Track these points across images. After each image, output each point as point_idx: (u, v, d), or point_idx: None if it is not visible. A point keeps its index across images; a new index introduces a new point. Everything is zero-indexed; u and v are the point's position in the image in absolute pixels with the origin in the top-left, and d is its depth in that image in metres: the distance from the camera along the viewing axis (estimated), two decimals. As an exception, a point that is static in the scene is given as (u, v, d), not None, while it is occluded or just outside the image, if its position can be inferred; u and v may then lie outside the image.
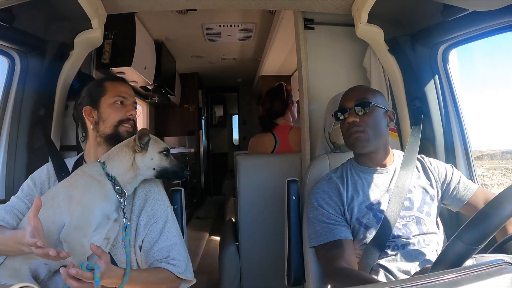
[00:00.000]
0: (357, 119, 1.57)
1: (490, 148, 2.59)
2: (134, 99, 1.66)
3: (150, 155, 1.46)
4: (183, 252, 1.53)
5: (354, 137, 1.58)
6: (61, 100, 2.04)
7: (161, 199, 1.57)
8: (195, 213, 6.71)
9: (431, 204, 1.60)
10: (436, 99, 2.00)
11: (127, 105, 1.62)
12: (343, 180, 1.65)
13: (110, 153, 1.48)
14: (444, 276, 0.76)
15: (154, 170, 1.48)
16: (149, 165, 1.46)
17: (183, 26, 4.60)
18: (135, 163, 1.45)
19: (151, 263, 1.47)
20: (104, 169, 1.44)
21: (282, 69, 6.00)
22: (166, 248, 1.48)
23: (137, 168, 1.46)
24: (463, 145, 1.97)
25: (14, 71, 1.91)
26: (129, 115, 1.60)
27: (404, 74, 2.09)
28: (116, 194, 1.42)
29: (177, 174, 1.50)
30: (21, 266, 1.34)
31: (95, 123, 1.59)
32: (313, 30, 2.43)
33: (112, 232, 1.43)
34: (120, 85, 1.65)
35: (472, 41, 1.83)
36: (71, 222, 1.31)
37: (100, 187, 1.40)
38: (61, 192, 1.37)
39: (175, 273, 1.45)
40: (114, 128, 1.57)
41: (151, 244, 1.48)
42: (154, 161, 1.47)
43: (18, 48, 1.85)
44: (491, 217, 0.88)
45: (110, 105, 1.59)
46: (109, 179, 1.42)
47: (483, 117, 2.31)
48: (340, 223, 1.56)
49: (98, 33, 1.99)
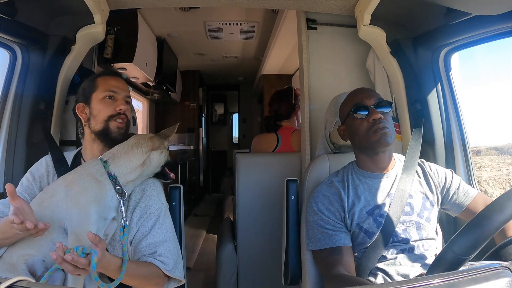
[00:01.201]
0: (382, 116, 1.55)
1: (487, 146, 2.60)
2: (126, 93, 1.63)
3: (165, 152, 1.54)
4: (172, 249, 1.51)
5: (381, 133, 1.53)
6: (62, 94, 2.04)
7: (157, 195, 1.55)
8: (193, 211, 6.71)
9: (431, 210, 1.59)
10: (437, 103, 2.00)
11: (117, 100, 1.59)
12: (344, 185, 1.63)
13: (116, 152, 1.47)
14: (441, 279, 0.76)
15: (161, 166, 1.54)
16: (161, 161, 1.53)
17: (186, 24, 4.60)
18: (149, 160, 1.48)
19: (138, 258, 1.46)
20: (106, 168, 1.42)
21: (284, 68, 6.00)
22: (154, 244, 1.47)
23: (148, 165, 1.50)
24: (463, 149, 1.97)
25: (15, 64, 1.90)
26: (119, 110, 1.57)
27: (406, 76, 2.09)
28: (115, 194, 1.42)
29: (173, 165, 1.60)
30: (18, 261, 1.33)
31: (87, 119, 1.58)
32: (316, 30, 2.43)
33: (110, 229, 1.43)
34: (111, 80, 1.62)
35: (474, 45, 1.83)
36: (71, 227, 1.32)
37: (99, 188, 1.39)
38: (60, 191, 1.36)
39: (162, 269, 1.44)
40: (104, 123, 1.55)
41: (140, 238, 1.47)
42: (166, 156, 1.55)
43: (19, 42, 1.84)
44: (480, 227, 0.89)
45: (100, 101, 1.57)
46: (110, 178, 1.41)
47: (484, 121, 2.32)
48: (340, 229, 1.56)
49: (101, 28, 1.99)
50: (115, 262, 1.29)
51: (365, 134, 1.58)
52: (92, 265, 1.13)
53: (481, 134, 2.33)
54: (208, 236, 5.22)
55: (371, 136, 1.56)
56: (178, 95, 6.96)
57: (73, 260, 1.11)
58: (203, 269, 3.92)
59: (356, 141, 1.65)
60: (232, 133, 9.89)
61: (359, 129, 1.59)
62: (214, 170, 9.13)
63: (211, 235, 5.23)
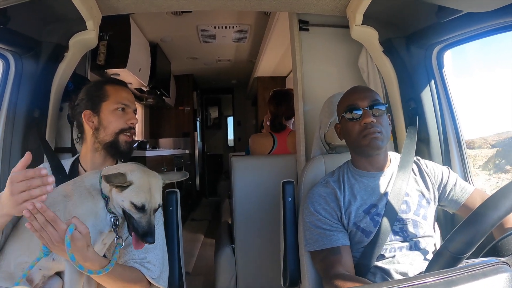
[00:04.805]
0: (374, 119, 1.54)
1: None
2: (135, 106, 1.63)
3: (122, 197, 1.30)
4: (160, 258, 1.51)
5: (371, 138, 1.53)
6: (56, 102, 2.03)
7: None
8: (190, 215, 6.70)
9: (428, 207, 1.60)
10: (431, 100, 2.00)
11: (128, 113, 1.59)
12: (340, 185, 1.63)
13: (110, 169, 1.36)
14: (439, 276, 0.76)
15: (122, 210, 1.32)
16: (119, 203, 1.30)
17: (178, 28, 4.61)
18: (112, 194, 1.32)
19: (125, 261, 1.45)
20: (100, 183, 1.36)
21: (277, 70, 6.03)
22: (144, 249, 1.45)
23: (112, 197, 1.33)
24: (458, 146, 1.97)
25: (8, 72, 1.89)
26: (130, 124, 1.57)
27: (399, 75, 2.10)
28: (108, 213, 1.35)
29: (137, 231, 1.29)
30: (15, 270, 1.33)
31: (95, 128, 1.57)
32: (308, 31, 2.43)
33: (108, 239, 1.42)
34: (122, 91, 1.62)
35: (466, 42, 1.84)
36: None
37: (93, 203, 1.34)
38: (58, 201, 1.34)
39: (147, 276, 1.44)
40: (115, 136, 1.55)
41: (129, 242, 1.46)
42: (124, 204, 1.29)
43: (12, 50, 1.83)
44: (476, 225, 0.88)
45: (112, 112, 1.56)
46: (102, 196, 1.35)
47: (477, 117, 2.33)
48: (337, 228, 1.55)
49: (93, 34, 1.98)
50: (100, 261, 1.26)
51: (356, 137, 1.58)
52: (67, 243, 1.14)
53: (475, 129, 2.34)
54: (206, 240, 5.20)
55: (361, 140, 1.56)
56: (172, 100, 6.96)
57: (42, 209, 1.12)
58: (202, 273, 3.91)
59: (349, 142, 1.66)
60: (227, 136, 9.91)
61: (351, 131, 1.60)
62: (210, 174, 9.12)
63: (209, 239, 5.21)
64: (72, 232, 1.15)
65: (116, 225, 1.36)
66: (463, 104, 2.04)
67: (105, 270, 1.25)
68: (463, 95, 2.10)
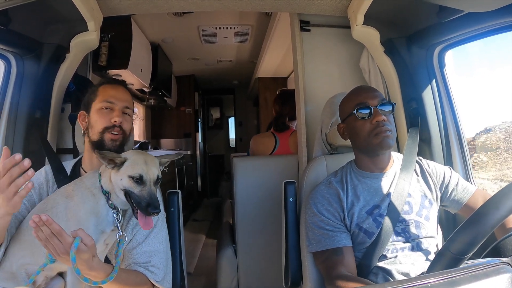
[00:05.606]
0: (385, 118, 1.53)
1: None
2: (124, 104, 1.58)
3: (120, 175, 1.33)
4: (164, 260, 1.51)
5: (383, 136, 1.52)
6: (57, 103, 2.03)
7: None
8: (192, 216, 6.70)
9: (430, 208, 1.59)
10: (432, 100, 2.00)
11: (114, 111, 1.55)
12: (343, 185, 1.62)
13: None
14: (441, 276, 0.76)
15: (123, 192, 1.34)
16: (118, 184, 1.33)
17: (179, 29, 4.61)
18: (111, 178, 1.36)
19: (129, 264, 1.45)
20: (100, 181, 1.39)
21: (278, 71, 6.02)
22: (149, 253, 1.46)
23: (112, 184, 1.36)
24: (460, 146, 1.97)
25: (10, 73, 1.90)
26: (114, 122, 1.53)
27: (400, 75, 2.09)
28: (110, 209, 1.37)
29: (140, 205, 1.31)
30: (18, 270, 1.33)
31: (86, 128, 1.57)
32: (309, 32, 2.43)
33: (110, 239, 1.42)
34: (110, 89, 1.59)
35: (468, 42, 1.83)
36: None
37: (95, 201, 1.36)
38: (60, 203, 1.35)
39: (151, 279, 1.43)
40: (100, 135, 1.52)
41: (134, 245, 1.47)
42: (123, 182, 1.33)
43: (14, 51, 1.84)
44: (477, 225, 0.88)
45: (97, 111, 1.54)
46: (103, 192, 1.37)
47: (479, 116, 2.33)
48: (340, 229, 1.55)
49: (95, 35, 1.98)
50: (105, 270, 1.26)
51: (367, 136, 1.56)
52: (72, 257, 1.13)
53: (477, 129, 2.34)
54: (208, 241, 5.20)
55: (372, 138, 1.54)
56: (173, 101, 6.96)
57: (48, 222, 1.11)
58: (204, 273, 3.91)
59: (356, 141, 1.63)
60: (228, 136, 9.90)
61: (361, 130, 1.57)
62: (212, 174, 9.11)
63: (210, 239, 5.21)
64: (77, 246, 1.14)
65: (119, 220, 1.37)
66: (465, 104, 2.03)
67: (109, 279, 1.26)
68: (464, 95, 2.09)
